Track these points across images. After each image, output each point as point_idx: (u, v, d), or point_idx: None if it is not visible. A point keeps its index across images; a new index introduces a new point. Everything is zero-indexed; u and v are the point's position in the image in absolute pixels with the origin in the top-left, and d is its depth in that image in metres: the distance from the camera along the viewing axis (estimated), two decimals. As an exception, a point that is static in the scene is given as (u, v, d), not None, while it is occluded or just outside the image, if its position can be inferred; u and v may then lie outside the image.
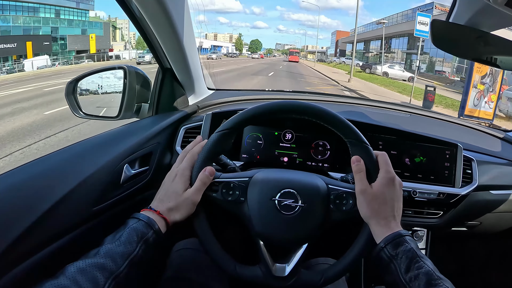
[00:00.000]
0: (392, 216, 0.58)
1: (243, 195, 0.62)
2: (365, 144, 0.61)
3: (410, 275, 0.50)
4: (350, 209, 0.61)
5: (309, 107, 0.63)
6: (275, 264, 0.61)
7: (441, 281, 0.48)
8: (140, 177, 0.83)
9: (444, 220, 1.00)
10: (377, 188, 0.58)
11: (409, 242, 0.54)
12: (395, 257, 0.53)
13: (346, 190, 0.63)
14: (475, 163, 0.99)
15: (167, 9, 0.74)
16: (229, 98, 1.09)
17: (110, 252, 0.50)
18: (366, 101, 1.33)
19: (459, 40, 0.81)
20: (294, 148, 0.94)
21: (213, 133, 0.63)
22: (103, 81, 0.99)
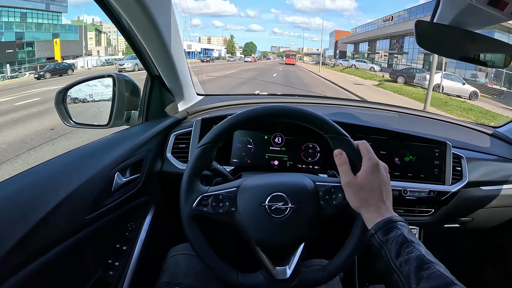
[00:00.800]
0: (381, 202, 0.57)
1: (233, 205, 0.63)
2: (344, 137, 0.61)
3: (401, 260, 0.49)
4: (340, 203, 0.62)
5: (285, 109, 0.63)
6: (276, 267, 0.62)
7: (432, 265, 0.47)
8: (131, 184, 0.84)
9: (435, 218, 1.01)
10: (362, 177, 0.58)
11: (400, 228, 0.53)
12: (386, 243, 0.52)
13: (333, 184, 0.63)
14: (465, 160, 1.00)
15: (153, 18, 0.74)
16: (219, 103, 1.09)
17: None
18: (355, 102, 1.33)
19: (444, 39, 0.82)
20: (284, 151, 0.94)
21: (194, 149, 0.64)
22: (93, 90, 0.99)
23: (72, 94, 0.96)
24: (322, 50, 60.91)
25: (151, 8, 0.72)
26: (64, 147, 4.26)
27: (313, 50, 71.28)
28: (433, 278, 0.45)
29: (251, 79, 14.40)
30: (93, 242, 0.71)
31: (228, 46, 65.29)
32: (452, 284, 0.44)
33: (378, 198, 0.57)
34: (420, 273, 0.46)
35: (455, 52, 0.84)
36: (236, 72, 18.61)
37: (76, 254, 0.66)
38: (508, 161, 1.09)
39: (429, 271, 0.46)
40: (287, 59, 39.08)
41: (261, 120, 0.64)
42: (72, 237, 0.65)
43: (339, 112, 1.16)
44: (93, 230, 0.71)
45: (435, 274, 0.45)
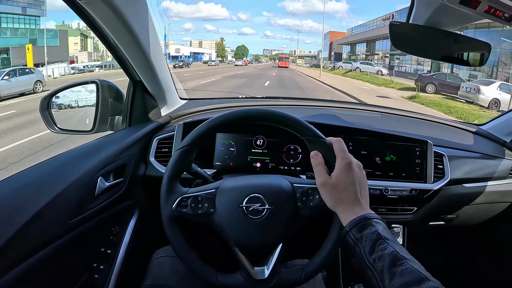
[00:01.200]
0: (356, 201, 0.57)
1: (212, 207, 0.64)
2: (320, 138, 0.62)
3: (374, 257, 0.49)
4: (317, 204, 0.63)
5: (261, 112, 0.64)
6: (255, 268, 0.63)
7: (406, 261, 0.47)
8: (115, 188, 0.85)
9: (418, 216, 1.02)
10: (336, 177, 0.58)
11: (375, 225, 0.53)
12: (360, 240, 0.52)
13: (310, 186, 0.64)
14: (446, 158, 1.00)
15: (130, 26, 0.75)
16: (202, 107, 1.10)
17: None
18: (337, 103, 1.34)
19: (419, 40, 0.83)
20: (266, 153, 0.95)
21: (174, 151, 0.65)
22: (77, 96, 1.01)
23: (57, 100, 0.97)
24: (316, 52, 59.06)
25: (127, 16, 0.73)
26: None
27: (306, 53, 69.76)
28: (407, 274, 0.45)
29: (234, 92, 10.90)
30: (78, 246, 0.73)
31: (219, 49, 61.98)
32: (425, 280, 0.44)
33: (353, 196, 0.57)
34: (394, 269, 0.46)
35: (431, 52, 0.85)
36: (216, 82, 14.33)
37: (61, 258, 0.68)
38: (491, 158, 1.10)
39: (402, 267, 0.46)
40: (280, 62, 38.66)
41: (239, 123, 0.65)
42: (57, 241, 0.66)
43: (321, 114, 1.17)
44: (77, 234, 0.72)
45: (408, 270, 0.45)
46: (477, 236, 1.32)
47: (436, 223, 1.12)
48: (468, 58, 0.86)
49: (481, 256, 1.32)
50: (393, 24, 0.79)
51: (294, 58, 58.57)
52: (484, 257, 1.31)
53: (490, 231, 1.26)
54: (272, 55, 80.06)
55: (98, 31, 0.80)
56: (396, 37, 0.81)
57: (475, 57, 0.85)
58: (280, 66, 35.91)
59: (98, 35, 0.82)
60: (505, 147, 1.16)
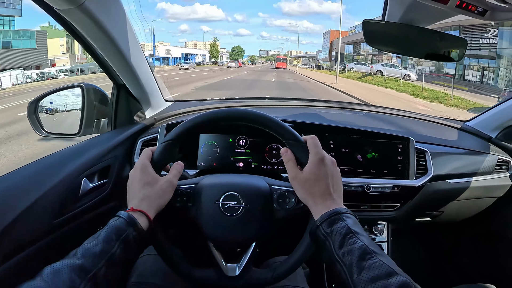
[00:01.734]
0: (328, 194, 0.57)
1: (190, 201, 0.65)
2: (297, 142, 0.63)
3: (343, 251, 0.50)
4: (293, 207, 0.64)
5: (246, 113, 0.65)
6: (227, 264, 0.64)
7: (375, 255, 0.47)
8: (99, 190, 0.87)
9: (402, 212, 1.02)
10: (307, 171, 0.59)
11: (345, 219, 0.53)
12: (330, 234, 0.53)
13: (288, 189, 0.65)
14: (429, 155, 1.01)
15: (108, 31, 0.76)
16: (186, 108, 1.12)
17: (87, 252, 0.49)
18: (321, 102, 1.35)
19: (393, 37, 0.84)
20: (249, 153, 0.97)
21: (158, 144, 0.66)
22: (64, 100, 1.03)
23: (43, 104, 1.00)
24: (315, 52, 54.35)
25: (105, 23, 0.74)
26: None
27: (302, 53, 67.99)
28: (375, 268, 0.46)
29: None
30: (63, 245, 0.74)
31: (211, 50, 57.54)
32: (394, 274, 0.45)
33: (325, 190, 0.58)
34: (362, 263, 0.47)
35: (406, 49, 0.86)
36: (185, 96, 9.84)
37: (46, 257, 0.69)
38: (476, 154, 1.10)
39: (371, 261, 0.47)
40: (277, 63, 37.91)
41: (224, 122, 0.66)
42: (40, 241, 0.68)
43: (304, 113, 1.17)
44: (62, 233, 0.74)
45: (377, 264, 0.46)
46: (463, 231, 1.32)
47: (422, 219, 1.13)
48: (444, 54, 0.86)
49: (466, 251, 1.32)
50: (367, 22, 0.80)
51: (291, 59, 57.03)
52: (469, 252, 1.31)
53: (475, 226, 1.26)
54: (268, 56, 78.54)
55: (79, 37, 0.82)
56: (371, 35, 0.82)
57: (454, 53, 0.86)
58: (277, 67, 35.32)
59: (79, 41, 0.83)
60: (490, 143, 1.17)
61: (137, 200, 0.59)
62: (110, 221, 0.55)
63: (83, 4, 0.65)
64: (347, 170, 0.96)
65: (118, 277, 0.53)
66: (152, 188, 0.60)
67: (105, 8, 0.73)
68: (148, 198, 0.59)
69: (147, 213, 0.58)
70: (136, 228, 0.55)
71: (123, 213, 0.56)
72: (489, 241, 1.25)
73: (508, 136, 1.17)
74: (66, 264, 0.47)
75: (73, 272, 0.46)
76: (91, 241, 0.51)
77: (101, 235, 0.52)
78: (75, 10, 0.66)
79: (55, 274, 0.45)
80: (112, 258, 0.50)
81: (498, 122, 1.18)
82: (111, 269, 0.50)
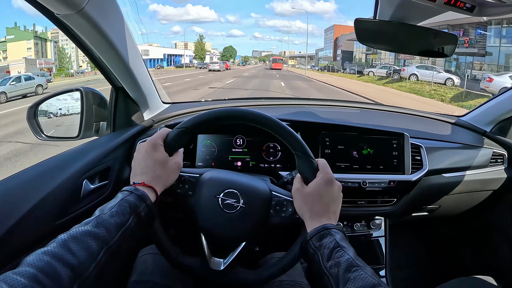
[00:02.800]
0: (326, 213, 0.59)
1: (191, 190, 0.67)
2: (309, 157, 0.63)
3: (331, 263, 0.52)
4: (288, 216, 0.66)
5: (263, 118, 0.65)
6: (213, 258, 0.66)
7: (359, 268, 0.50)
8: (100, 191, 0.88)
9: (399, 207, 1.04)
10: (312, 186, 0.61)
11: (334, 234, 0.56)
12: (319, 248, 0.55)
13: (287, 198, 0.67)
14: (424, 150, 1.02)
15: (107, 34, 0.78)
16: (184, 110, 1.13)
17: (104, 222, 0.49)
18: (315, 101, 1.37)
19: (385, 35, 0.85)
20: (246, 152, 0.98)
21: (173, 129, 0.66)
22: (63, 103, 1.05)
23: (43, 108, 1.01)
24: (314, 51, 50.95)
25: (104, 27, 0.75)
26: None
27: (296, 53, 66.35)
28: (359, 280, 0.49)
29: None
30: None
31: (197, 50, 51.49)
32: (377, 286, 0.47)
33: (323, 210, 0.60)
34: (347, 274, 0.50)
35: (398, 46, 0.87)
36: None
37: None
38: (471, 148, 1.12)
39: (356, 273, 0.49)
40: (273, 63, 37.39)
41: (236, 121, 0.66)
42: (45, 241, 0.69)
43: (299, 112, 1.19)
44: None
45: (362, 276, 0.49)
46: (460, 225, 1.34)
47: (420, 214, 1.14)
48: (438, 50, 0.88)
49: (463, 245, 1.34)
50: (358, 20, 0.82)
51: (286, 59, 55.23)
52: (466, 245, 1.33)
53: (472, 219, 1.27)
54: (261, 56, 77.08)
55: (78, 42, 0.83)
56: (363, 33, 0.83)
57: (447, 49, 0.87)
58: (273, 68, 34.68)
59: (77, 45, 0.85)
60: (485, 137, 1.18)
61: (149, 176, 0.60)
62: (119, 195, 0.55)
63: (83, 9, 0.67)
64: (343, 167, 0.98)
65: (130, 251, 0.54)
66: (163, 168, 0.61)
67: (104, 13, 0.74)
68: (159, 177, 0.60)
69: (157, 190, 0.59)
70: (148, 204, 0.56)
71: (134, 188, 0.56)
72: (486, 234, 1.26)
73: (502, 130, 1.19)
74: (83, 231, 0.47)
75: (91, 239, 0.46)
76: (106, 212, 0.51)
77: (114, 208, 0.52)
78: (75, 15, 0.68)
79: (73, 240, 0.45)
80: (127, 231, 0.51)
81: (493, 116, 1.19)
82: (125, 242, 0.51)
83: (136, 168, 0.62)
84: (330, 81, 18.24)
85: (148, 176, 0.60)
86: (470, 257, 1.31)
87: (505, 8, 0.73)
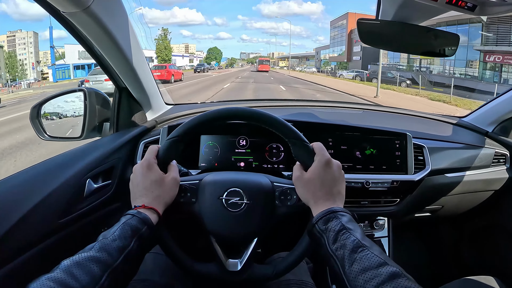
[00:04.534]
0: (329, 195, 0.59)
1: (194, 196, 0.67)
2: (303, 142, 0.64)
3: (336, 246, 0.52)
4: (294, 204, 0.66)
5: (249, 112, 0.67)
6: (229, 259, 0.65)
7: (366, 248, 0.49)
8: (103, 190, 0.88)
9: (402, 207, 1.03)
10: (311, 172, 0.61)
11: (340, 217, 0.55)
12: (325, 231, 0.55)
13: (290, 186, 0.67)
14: (426, 150, 1.03)
15: (113, 36, 0.78)
16: (186, 111, 1.14)
17: (106, 246, 0.50)
18: (317, 102, 1.37)
19: (389, 35, 0.86)
20: (250, 152, 0.98)
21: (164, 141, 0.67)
22: (66, 104, 1.05)
23: (46, 109, 1.01)
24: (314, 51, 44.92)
25: (110, 27, 0.76)
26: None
27: (284, 54, 63.48)
28: (366, 260, 0.48)
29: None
30: (67, 245, 0.76)
31: (158, 50, 38.63)
32: (384, 264, 0.47)
33: (327, 192, 0.60)
34: (353, 255, 0.49)
35: (401, 46, 0.88)
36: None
37: (50, 256, 0.71)
38: (472, 148, 1.12)
39: (362, 254, 0.49)
40: (260, 65, 35.03)
41: (229, 120, 0.67)
42: (46, 240, 0.70)
43: (301, 113, 1.19)
44: (67, 233, 0.75)
45: (368, 256, 0.48)
46: (462, 225, 1.34)
47: (422, 214, 1.14)
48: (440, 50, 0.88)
49: (466, 245, 1.33)
50: (361, 21, 0.83)
51: (275, 60, 52.21)
52: (469, 245, 1.32)
53: (474, 219, 1.27)
54: (250, 58, 75.61)
55: (83, 41, 0.84)
56: (366, 34, 0.84)
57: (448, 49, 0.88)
58: (260, 70, 32.64)
59: (83, 44, 0.85)
60: (487, 137, 1.18)
61: (149, 198, 0.60)
62: (122, 218, 0.56)
63: (89, 7, 0.67)
64: (346, 167, 0.98)
65: (133, 272, 0.54)
66: (161, 186, 0.62)
67: (109, 11, 0.75)
68: (158, 197, 0.61)
69: (158, 210, 0.60)
70: (149, 225, 0.56)
71: (137, 211, 0.57)
72: (489, 234, 1.26)
73: (504, 130, 1.19)
74: (86, 256, 0.47)
75: (93, 264, 0.46)
76: (108, 237, 0.52)
77: (116, 232, 0.52)
78: (80, 13, 0.68)
79: (75, 266, 0.46)
80: (129, 254, 0.51)
81: (495, 117, 1.20)
82: (128, 265, 0.51)
83: (135, 191, 0.62)
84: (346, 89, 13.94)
85: (148, 198, 0.60)
86: (473, 257, 1.30)
87: (506, 7, 0.74)
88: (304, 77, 24.36)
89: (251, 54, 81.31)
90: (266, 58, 44.11)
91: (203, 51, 66.95)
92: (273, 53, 75.05)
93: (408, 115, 1.28)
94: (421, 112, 1.31)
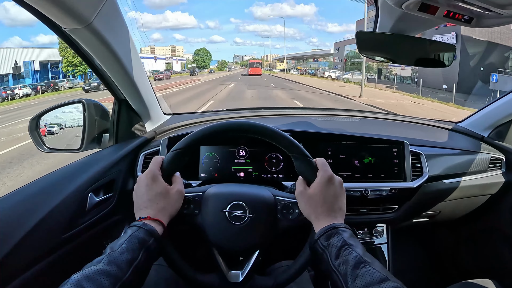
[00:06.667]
0: (331, 211, 0.60)
1: (197, 208, 0.67)
2: (306, 158, 0.65)
3: (339, 261, 0.53)
4: (296, 218, 0.67)
5: (255, 127, 0.67)
6: (230, 271, 0.66)
7: (368, 264, 0.51)
8: (105, 203, 0.88)
9: (400, 214, 1.05)
10: (314, 188, 0.62)
11: (341, 233, 0.56)
12: (327, 247, 0.56)
13: (292, 200, 0.68)
14: (423, 157, 1.04)
15: (114, 50, 0.78)
16: (185, 121, 1.14)
17: (114, 259, 0.50)
18: (314, 110, 1.38)
19: (387, 46, 0.87)
20: (249, 163, 0.99)
21: (168, 152, 0.67)
22: (65, 116, 1.04)
23: (45, 120, 1.01)
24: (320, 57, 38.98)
25: (111, 41, 0.76)
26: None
27: (278, 56, 59.15)
28: (368, 275, 0.49)
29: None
30: (72, 259, 0.76)
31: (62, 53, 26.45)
32: (386, 280, 0.48)
33: (328, 208, 0.61)
34: (356, 271, 0.50)
35: (398, 57, 0.89)
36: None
37: (56, 271, 0.71)
38: (468, 153, 1.14)
39: (364, 269, 0.50)
40: (250, 68, 32.17)
41: (232, 134, 0.67)
42: (51, 255, 0.70)
43: (298, 122, 1.20)
44: (71, 248, 0.76)
45: (370, 272, 0.50)
46: (460, 229, 1.35)
47: (420, 220, 1.16)
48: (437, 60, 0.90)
49: (464, 249, 1.35)
50: (360, 33, 0.84)
51: (270, 63, 47.31)
52: (468, 249, 1.34)
53: (472, 224, 1.29)
54: (243, 61, 73.60)
55: (84, 55, 0.84)
56: (364, 45, 0.85)
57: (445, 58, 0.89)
58: (250, 74, 30.41)
59: (83, 59, 0.85)
60: (483, 142, 1.20)
61: (154, 209, 0.61)
62: (128, 231, 0.56)
63: (91, 24, 0.67)
64: (345, 176, 0.99)
65: (140, 285, 0.55)
66: (165, 198, 0.62)
67: (111, 27, 0.75)
68: (163, 209, 0.61)
69: (163, 222, 0.60)
70: (156, 237, 0.57)
71: (142, 223, 0.57)
72: (486, 237, 1.28)
73: (500, 135, 1.21)
74: (95, 270, 0.48)
75: (103, 278, 0.47)
76: (116, 249, 0.52)
77: (124, 244, 0.53)
78: (83, 29, 0.68)
79: (85, 280, 0.46)
80: (138, 266, 0.52)
81: (490, 122, 1.21)
82: (136, 277, 0.52)
83: (139, 202, 0.62)
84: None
85: (153, 210, 0.61)
86: (471, 260, 1.32)
87: (502, 19, 0.75)
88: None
89: (244, 57, 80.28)
90: (257, 60, 38.96)
91: (192, 53, 63.55)
92: (267, 55, 73.72)
93: (405, 121, 1.30)
94: (417, 118, 1.32)
